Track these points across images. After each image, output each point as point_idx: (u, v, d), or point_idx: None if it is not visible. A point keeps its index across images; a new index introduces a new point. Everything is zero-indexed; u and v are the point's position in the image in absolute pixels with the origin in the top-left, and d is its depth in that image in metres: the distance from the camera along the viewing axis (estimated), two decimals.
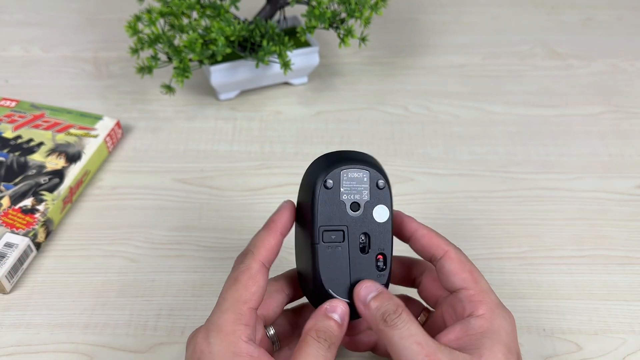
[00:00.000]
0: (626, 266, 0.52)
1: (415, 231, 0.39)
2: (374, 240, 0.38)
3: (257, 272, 0.36)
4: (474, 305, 0.36)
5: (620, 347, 0.46)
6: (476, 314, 0.36)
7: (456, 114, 0.68)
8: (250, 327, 0.35)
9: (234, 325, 0.34)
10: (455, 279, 0.37)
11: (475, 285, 0.37)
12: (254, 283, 0.36)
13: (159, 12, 0.60)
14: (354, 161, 0.38)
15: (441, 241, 0.39)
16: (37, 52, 0.76)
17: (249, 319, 0.35)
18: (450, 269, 0.38)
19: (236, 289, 0.35)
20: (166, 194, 0.58)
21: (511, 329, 0.36)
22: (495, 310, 0.36)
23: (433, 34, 0.81)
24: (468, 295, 0.37)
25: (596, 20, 0.84)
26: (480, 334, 0.35)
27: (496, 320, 0.36)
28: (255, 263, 0.36)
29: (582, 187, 0.59)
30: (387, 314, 0.35)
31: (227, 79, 0.65)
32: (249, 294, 0.35)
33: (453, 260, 0.38)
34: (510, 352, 0.35)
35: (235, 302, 0.35)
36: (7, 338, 0.46)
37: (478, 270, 0.39)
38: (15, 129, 0.60)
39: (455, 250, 0.39)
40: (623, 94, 0.71)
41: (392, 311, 0.35)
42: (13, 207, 0.53)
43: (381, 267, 0.38)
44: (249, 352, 0.33)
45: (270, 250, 0.37)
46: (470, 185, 0.60)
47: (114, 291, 0.50)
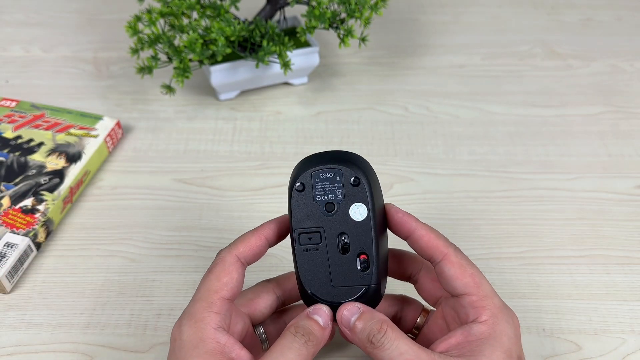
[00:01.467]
0: (626, 266, 0.52)
1: (414, 231, 0.38)
2: (353, 240, 0.37)
3: (230, 264, 0.37)
4: (477, 312, 0.36)
5: (620, 347, 0.46)
6: (479, 320, 0.36)
7: (456, 114, 0.68)
8: (221, 315, 0.35)
9: (203, 312, 0.35)
10: (457, 285, 0.37)
11: (477, 290, 0.36)
12: (226, 274, 0.37)
13: (159, 12, 0.60)
14: (326, 161, 0.38)
15: (440, 243, 0.38)
16: (38, 52, 0.76)
17: (219, 307, 0.35)
18: (450, 274, 0.37)
19: (208, 280, 0.37)
20: (166, 194, 0.58)
21: (514, 333, 0.36)
22: (498, 315, 0.36)
23: (433, 34, 0.81)
24: (471, 301, 0.36)
25: (596, 20, 0.84)
26: (481, 340, 0.35)
27: (498, 325, 0.35)
28: (229, 256, 0.37)
29: (582, 187, 0.59)
30: (372, 335, 0.34)
31: (227, 79, 0.65)
32: (220, 284, 0.36)
33: (453, 264, 0.37)
34: (510, 357, 0.35)
35: (206, 292, 0.36)
36: (8, 338, 0.46)
37: (479, 271, 0.38)
38: (16, 129, 0.60)
39: (455, 252, 0.38)
40: (623, 94, 0.71)
41: (376, 331, 0.34)
42: (13, 207, 0.53)
43: (364, 268, 0.37)
44: (215, 338, 0.34)
45: (249, 247, 0.38)
46: (470, 185, 0.60)
47: (114, 291, 0.50)
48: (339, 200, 0.37)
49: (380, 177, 0.60)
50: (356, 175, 0.37)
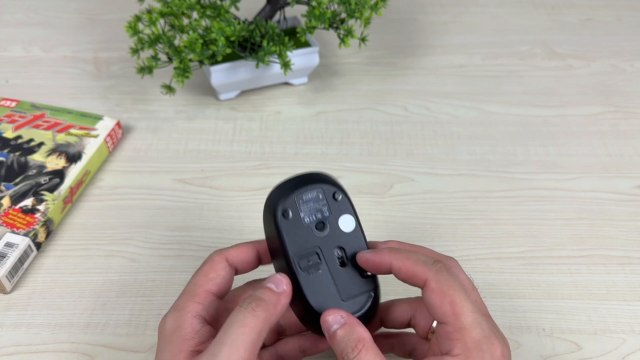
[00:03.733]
0: (626, 266, 0.52)
1: (391, 266, 0.36)
2: (349, 250, 0.38)
3: (217, 263, 0.38)
4: (450, 344, 0.33)
5: (620, 347, 0.46)
6: (451, 353, 0.33)
7: (456, 114, 0.68)
8: (203, 305, 0.36)
9: (185, 303, 0.36)
10: (436, 313, 0.34)
11: (454, 320, 0.33)
12: (212, 271, 0.37)
13: (159, 13, 0.60)
14: (305, 183, 0.38)
15: (418, 269, 0.35)
16: (38, 52, 0.76)
17: (202, 298, 0.36)
18: (429, 302, 0.34)
19: (195, 276, 0.38)
20: (166, 194, 0.58)
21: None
22: (472, 350, 0.33)
23: (433, 34, 0.81)
24: (446, 332, 0.34)
25: (596, 20, 0.84)
26: None
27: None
28: (218, 256, 0.38)
29: (582, 187, 0.60)
30: (345, 352, 0.33)
31: (227, 79, 0.65)
32: (206, 278, 0.37)
33: (433, 291, 0.34)
34: None
35: (192, 286, 0.37)
36: (8, 338, 0.46)
37: (464, 296, 0.34)
38: (16, 129, 0.60)
39: (436, 276, 0.34)
40: (623, 94, 0.71)
41: (350, 348, 0.33)
42: (13, 207, 0.53)
43: (365, 273, 0.38)
44: (192, 325, 0.35)
45: (239, 252, 0.39)
46: (470, 185, 0.60)
47: (115, 291, 0.50)
48: (327, 216, 0.38)
49: (380, 177, 0.60)
50: (336, 189, 0.38)
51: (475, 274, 0.51)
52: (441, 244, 0.54)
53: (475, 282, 0.47)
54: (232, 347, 0.32)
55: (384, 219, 0.56)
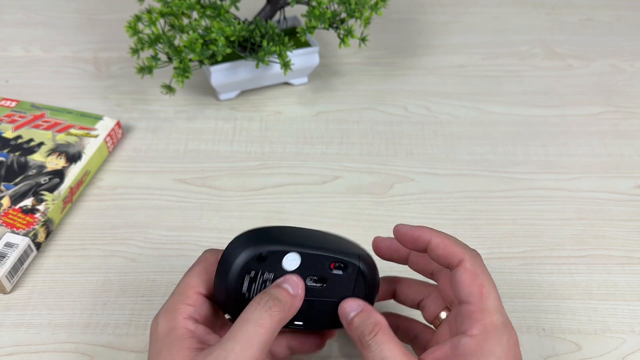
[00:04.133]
0: (626, 266, 0.52)
1: (430, 241, 0.37)
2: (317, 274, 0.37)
3: (211, 264, 0.38)
4: (470, 323, 0.34)
5: (620, 347, 0.46)
6: (469, 333, 0.34)
7: (456, 114, 0.68)
8: (194, 307, 0.36)
9: (177, 305, 0.36)
10: (462, 292, 0.35)
11: (479, 301, 0.34)
12: (205, 273, 0.37)
13: (159, 12, 0.60)
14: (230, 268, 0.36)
15: (457, 249, 0.36)
16: (38, 52, 0.76)
17: (193, 300, 0.36)
18: (460, 280, 0.35)
19: (188, 276, 0.37)
20: (166, 194, 0.58)
21: (504, 355, 0.33)
22: (490, 333, 0.33)
23: (433, 34, 0.81)
24: (469, 311, 0.34)
25: (596, 20, 0.84)
26: (466, 356, 0.33)
27: (487, 343, 0.33)
28: (212, 257, 0.38)
29: (582, 187, 0.60)
30: (362, 336, 0.34)
31: (227, 79, 0.65)
32: (198, 280, 0.37)
33: (466, 271, 0.35)
34: None
35: (183, 287, 0.37)
36: (8, 338, 0.46)
37: (492, 284, 0.36)
38: (16, 129, 0.60)
39: (472, 259, 0.36)
40: (623, 94, 0.71)
41: (367, 332, 0.34)
42: (13, 207, 0.53)
43: (342, 267, 0.37)
44: (185, 325, 0.35)
45: None
46: (470, 185, 0.60)
47: (114, 291, 0.50)
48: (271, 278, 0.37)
49: (380, 177, 0.60)
50: (259, 251, 0.36)
51: None
52: None
53: None
54: (246, 346, 0.32)
55: (384, 219, 0.56)
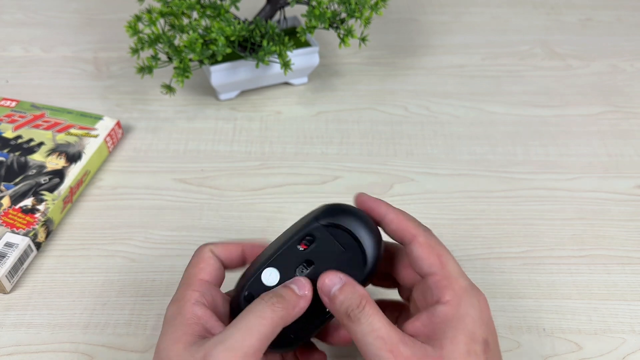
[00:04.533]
0: (626, 266, 0.52)
1: (385, 216, 0.38)
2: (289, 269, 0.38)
3: (204, 253, 0.39)
4: (440, 292, 0.35)
5: (620, 347, 0.47)
6: (442, 300, 0.34)
7: (456, 114, 0.68)
8: (199, 292, 0.36)
9: (183, 292, 0.37)
10: (423, 265, 0.36)
11: (442, 270, 0.35)
12: (201, 261, 0.38)
13: (159, 12, 0.60)
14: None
15: (410, 225, 0.37)
16: (38, 52, 0.76)
17: (198, 286, 0.37)
18: (418, 254, 0.36)
19: (187, 269, 0.39)
20: (166, 194, 0.58)
21: (479, 315, 0.34)
22: (462, 296, 0.34)
23: (433, 34, 0.81)
24: (435, 280, 0.35)
25: (596, 20, 0.84)
26: (444, 322, 0.34)
27: (462, 306, 0.34)
28: (204, 249, 0.39)
29: (582, 187, 0.60)
30: (350, 309, 0.34)
31: (227, 79, 0.65)
32: (197, 269, 0.38)
33: (421, 245, 0.36)
34: (473, 340, 0.33)
35: (186, 278, 0.38)
36: (8, 338, 0.46)
37: (449, 253, 0.37)
38: (16, 129, 0.60)
39: (425, 233, 0.37)
40: (622, 94, 0.71)
41: (355, 305, 0.34)
42: (13, 207, 0.53)
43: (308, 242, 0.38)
44: (192, 310, 0.35)
45: (225, 247, 0.40)
46: (470, 185, 0.60)
47: (114, 291, 0.50)
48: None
49: (380, 177, 0.60)
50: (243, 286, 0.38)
51: (475, 274, 0.51)
52: None
53: (475, 282, 0.47)
54: (246, 334, 0.33)
55: None
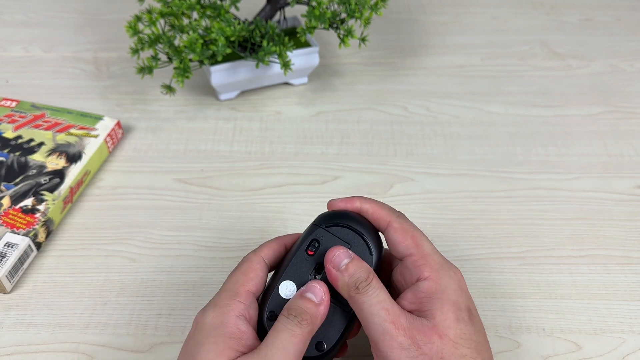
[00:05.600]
0: (625, 266, 0.52)
1: (360, 208, 0.40)
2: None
3: (256, 263, 0.39)
4: (419, 270, 0.37)
5: (620, 347, 0.47)
6: (422, 277, 0.37)
7: (456, 114, 0.68)
8: (244, 305, 0.37)
9: (228, 300, 0.37)
10: (400, 248, 0.38)
11: (417, 250, 0.38)
12: (252, 271, 0.38)
13: (159, 13, 0.60)
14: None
15: (384, 213, 0.40)
16: (38, 52, 0.76)
17: (244, 297, 0.37)
18: (394, 239, 0.39)
19: (235, 275, 0.38)
20: (166, 194, 0.58)
21: (458, 285, 0.37)
22: (440, 271, 0.37)
23: (433, 35, 0.81)
24: (412, 260, 0.37)
25: (596, 20, 0.84)
26: (429, 296, 0.36)
27: (442, 280, 0.36)
28: (255, 257, 0.39)
29: (582, 187, 0.60)
30: (359, 282, 0.36)
31: (227, 79, 0.65)
32: (246, 278, 0.38)
33: (396, 230, 0.39)
34: (459, 309, 0.36)
35: (232, 284, 0.38)
36: (8, 338, 0.46)
37: (422, 234, 0.39)
38: (16, 129, 0.60)
39: (398, 219, 0.39)
40: (622, 94, 0.71)
41: (363, 279, 0.36)
42: (13, 207, 0.53)
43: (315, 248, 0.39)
44: (237, 324, 0.35)
45: (271, 249, 0.40)
46: (470, 185, 0.60)
47: (115, 291, 0.50)
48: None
49: (380, 177, 0.60)
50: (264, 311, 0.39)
51: (475, 274, 0.51)
52: (441, 243, 0.54)
53: (475, 282, 0.47)
54: (283, 354, 0.34)
55: None
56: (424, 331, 0.34)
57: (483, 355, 0.36)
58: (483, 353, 0.36)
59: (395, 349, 0.34)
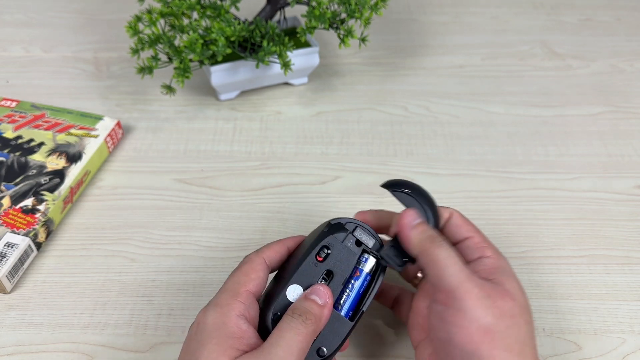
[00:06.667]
0: (625, 266, 0.52)
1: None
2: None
3: (257, 264, 0.39)
4: (482, 250, 0.40)
5: (620, 347, 0.47)
6: (485, 255, 0.40)
7: (456, 114, 0.68)
8: (245, 305, 0.37)
9: (229, 300, 0.37)
10: (462, 230, 0.41)
11: (478, 234, 0.41)
12: (253, 271, 0.39)
13: (159, 13, 0.60)
14: None
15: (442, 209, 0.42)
16: (38, 53, 0.76)
17: (244, 298, 0.37)
18: (457, 223, 0.42)
19: (236, 275, 0.39)
20: (166, 194, 0.58)
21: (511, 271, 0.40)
22: (499, 255, 0.40)
23: (433, 35, 0.81)
24: (474, 242, 0.40)
25: (596, 20, 0.84)
26: (495, 269, 0.39)
27: (502, 261, 0.40)
28: (257, 257, 0.40)
29: (582, 187, 0.60)
30: (434, 236, 0.38)
31: (227, 79, 0.65)
32: (247, 278, 0.38)
33: (459, 217, 0.42)
34: (519, 283, 0.39)
35: (233, 284, 0.38)
36: (8, 338, 0.46)
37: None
38: (16, 129, 0.60)
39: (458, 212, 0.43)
40: (622, 94, 0.71)
41: (436, 235, 0.39)
42: (14, 207, 0.53)
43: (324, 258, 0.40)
44: (238, 324, 0.36)
45: (273, 251, 0.40)
46: (470, 185, 0.60)
47: (115, 291, 0.50)
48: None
49: (380, 177, 0.60)
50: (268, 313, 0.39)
51: None
52: None
53: None
54: (287, 351, 0.34)
55: None
56: (498, 291, 0.37)
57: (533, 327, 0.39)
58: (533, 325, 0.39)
59: (472, 298, 0.36)
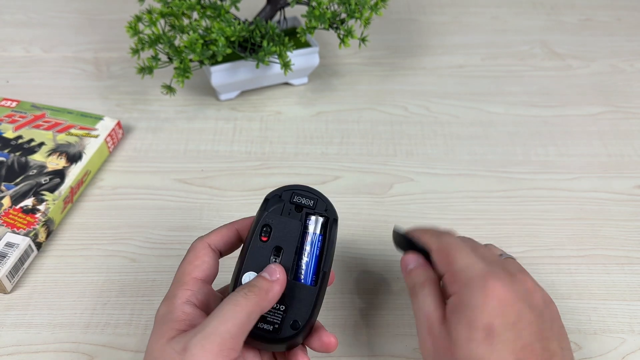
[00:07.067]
0: (625, 266, 0.52)
1: (411, 235, 0.42)
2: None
3: (200, 249, 0.40)
4: (450, 287, 0.38)
5: (620, 347, 0.47)
6: (450, 293, 0.37)
7: (456, 114, 0.68)
8: (191, 291, 0.38)
9: (176, 291, 0.38)
10: (438, 269, 0.40)
11: (448, 267, 0.38)
12: (196, 258, 0.39)
13: (159, 13, 0.60)
14: None
15: (426, 237, 0.41)
16: (38, 53, 0.76)
17: (191, 285, 0.38)
18: (434, 261, 0.40)
19: (182, 265, 0.39)
20: (166, 194, 0.58)
21: (482, 301, 0.35)
22: (467, 285, 0.36)
23: (433, 35, 0.81)
24: (444, 279, 0.38)
25: (596, 20, 0.84)
26: (451, 312, 0.36)
27: (465, 296, 0.36)
28: (200, 243, 0.40)
29: (581, 187, 0.60)
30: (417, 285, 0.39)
31: (227, 79, 0.65)
32: (192, 266, 0.39)
33: (435, 252, 0.40)
34: (472, 328, 0.34)
35: (180, 275, 0.39)
36: (8, 338, 0.46)
37: (460, 248, 0.39)
38: (16, 129, 0.61)
39: (438, 240, 0.40)
40: (622, 94, 0.71)
41: (420, 283, 0.39)
42: (14, 207, 0.53)
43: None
44: (182, 309, 0.36)
45: (219, 235, 0.41)
46: (469, 185, 0.60)
47: (115, 291, 0.50)
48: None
49: (380, 177, 0.60)
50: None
51: None
52: None
53: None
54: (221, 321, 0.34)
55: (384, 219, 0.56)
56: (445, 346, 0.36)
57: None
58: None
59: (424, 349, 0.37)
